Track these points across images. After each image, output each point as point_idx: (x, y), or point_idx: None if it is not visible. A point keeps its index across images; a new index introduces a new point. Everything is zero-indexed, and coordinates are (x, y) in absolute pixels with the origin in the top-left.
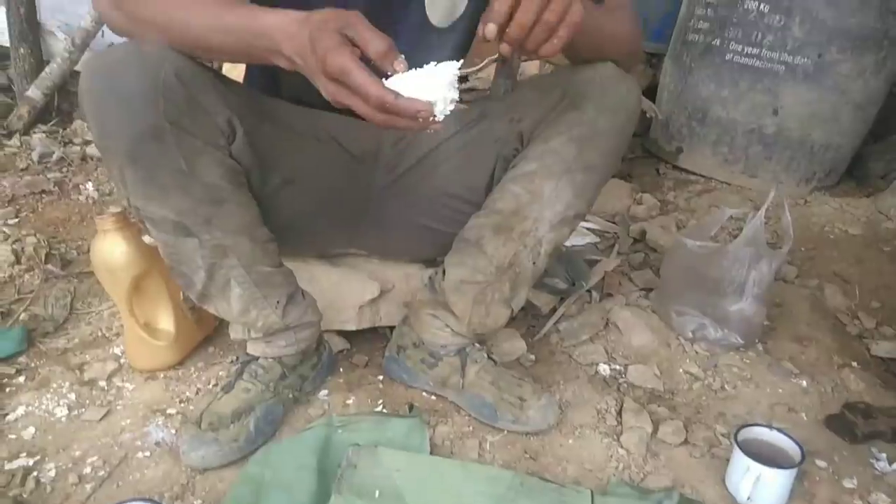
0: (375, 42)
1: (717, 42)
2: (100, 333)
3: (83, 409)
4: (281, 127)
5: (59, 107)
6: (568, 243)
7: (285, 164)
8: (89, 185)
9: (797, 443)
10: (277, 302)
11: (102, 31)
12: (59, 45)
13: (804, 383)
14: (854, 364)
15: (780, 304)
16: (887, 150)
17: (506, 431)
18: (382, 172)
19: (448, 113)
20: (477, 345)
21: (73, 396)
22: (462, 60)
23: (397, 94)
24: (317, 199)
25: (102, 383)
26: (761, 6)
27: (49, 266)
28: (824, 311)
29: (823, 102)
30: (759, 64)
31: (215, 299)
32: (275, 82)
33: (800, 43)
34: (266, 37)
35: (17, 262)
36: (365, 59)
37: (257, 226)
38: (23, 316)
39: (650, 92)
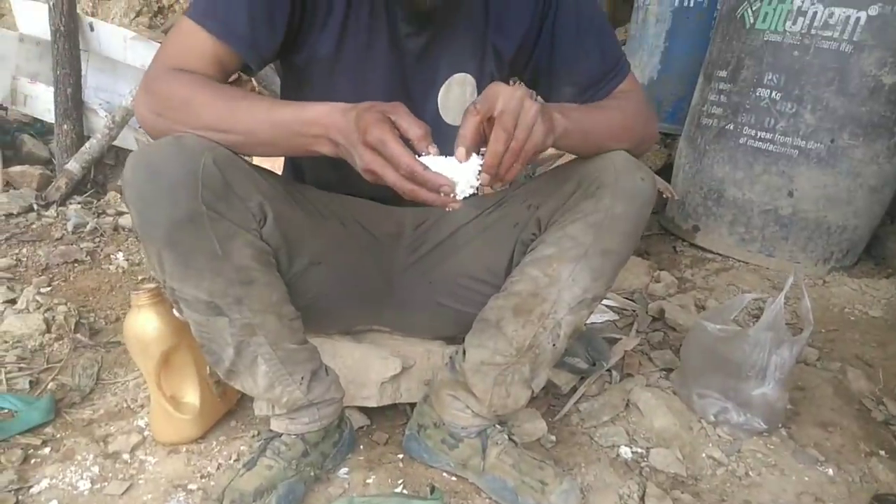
0: (415, 127)
1: (731, 126)
2: (125, 405)
3: (106, 483)
4: (308, 211)
5: (95, 178)
6: (587, 321)
7: (312, 246)
8: (119, 256)
9: None
10: (302, 378)
11: None
12: (100, 121)
13: (830, 472)
14: (882, 453)
15: (803, 387)
16: None
17: None
18: (404, 254)
19: (468, 195)
20: (498, 426)
21: (96, 469)
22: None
23: (426, 167)
24: (341, 279)
25: (126, 456)
26: (773, 94)
27: (78, 335)
28: (848, 395)
29: (838, 185)
30: (773, 148)
31: (242, 376)
32: (299, 172)
33: (812, 129)
34: (317, 124)
35: (48, 330)
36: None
37: (284, 304)
38: (51, 385)
39: (665, 171)
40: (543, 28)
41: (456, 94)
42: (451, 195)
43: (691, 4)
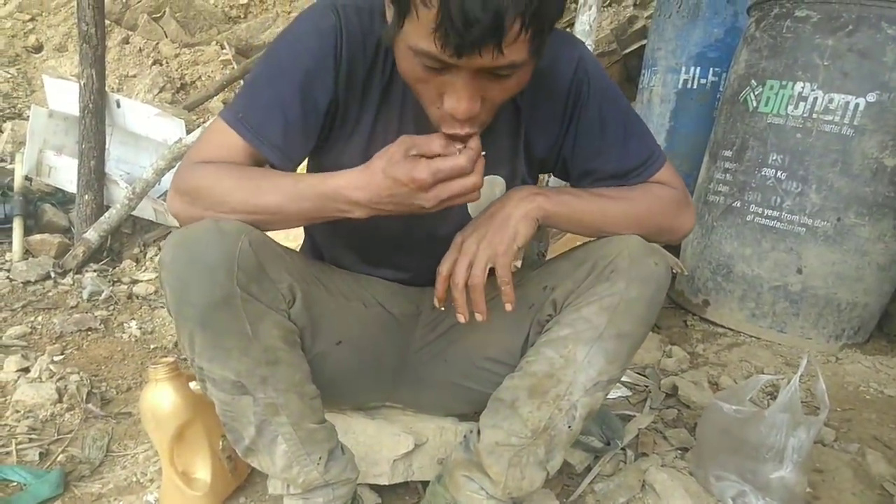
0: (434, 142)
1: (738, 204)
2: (134, 479)
3: None
4: (332, 291)
5: (112, 247)
6: None
7: (335, 326)
8: (133, 324)
9: None
10: (320, 458)
11: (160, 181)
12: (120, 192)
13: None
14: None
15: (822, 470)
16: None
17: None
18: (421, 333)
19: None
20: None
21: None
22: None
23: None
24: (360, 358)
25: None
26: (778, 173)
27: (90, 405)
28: (868, 479)
29: (846, 263)
30: (780, 225)
31: (260, 454)
32: (317, 251)
33: (818, 207)
34: (340, 196)
35: (60, 400)
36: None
37: (307, 383)
38: (60, 457)
39: (674, 246)
40: (569, 128)
41: (486, 194)
42: None
43: (694, 86)
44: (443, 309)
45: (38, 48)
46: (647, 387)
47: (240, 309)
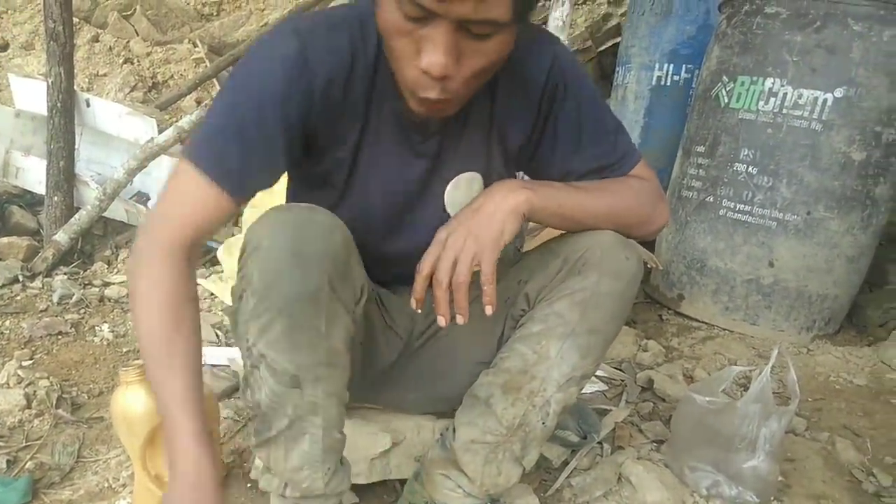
0: None
1: (711, 199)
2: (106, 484)
3: None
4: (368, 294)
5: (82, 249)
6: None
7: (362, 328)
8: (105, 327)
9: None
10: (328, 468)
11: (132, 181)
12: (90, 193)
13: None
14: None
15: (793, 458)
16: (883, 299)
17: None
18: (413, 340)
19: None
20: (490, 503)
21: None
22: None
23: None
24: (364, 360)
25: None
26: (749, 168)
27: (59, 411)
28: (838, 466)
29: (817, 256)
30: (752, 220)
31: (276, 448)
32: None
33: (788, 202)
34: (175, 460)
35: (28, 406)
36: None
37: (345, 390)
38: (29, 464)
39: (649, 241)
40: (546, 126)
41: (463, 191)
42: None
43: (667, 83)
44: (419, 311)
45: (4, 46)
46: (623, 381)
47: (324, 305)
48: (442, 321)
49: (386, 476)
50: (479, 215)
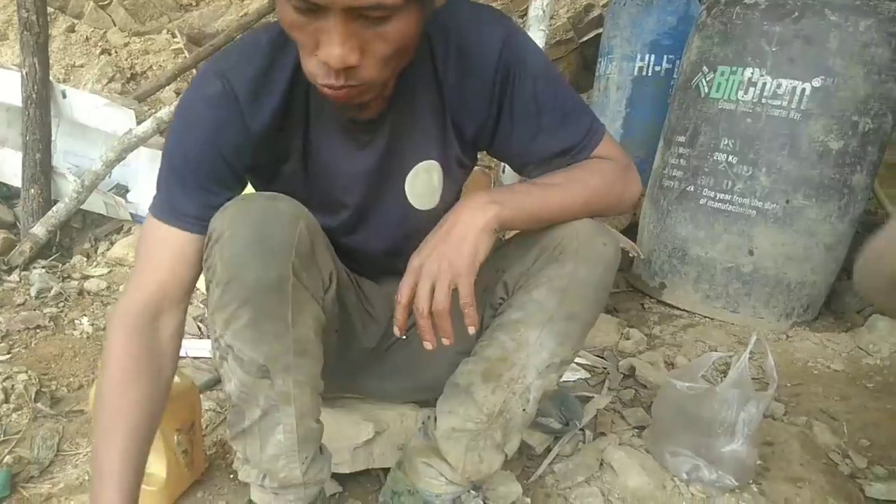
0: None
1: (692, 188)
2: (86, 477)
3: None
4: (341, 281)
5: (61, 242)
6: (559, 381)
7: (338, 316)
8: (84, 320)
9: None
10: (306, 458)
11: (110, 173)
12: (68, 186)
13: None
14: None
15: (772, 442)
16: None
17: None
18: (392, 327)
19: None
20: (472, 491)
21: None
22: None
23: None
24: (344, 350)
25: None
26: (729, 158)
27: (38, 405)
28: (815, 449)
29: (795, 244)
30: (732, 208)
31: (252, 439)
32: None
33: (768, 190)
34: None
35: (6, 400)
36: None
37: (319, 377)
38: (7, 459)
39: (631, 230)
40: (503, 109)
41: (423, 181)
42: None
43: (649, 73)
44: (405, 337)
45: None
46: (605, 368)
47: (288, 294)
48: (429, 346)
49: (369, 465)
50: (450, 238)
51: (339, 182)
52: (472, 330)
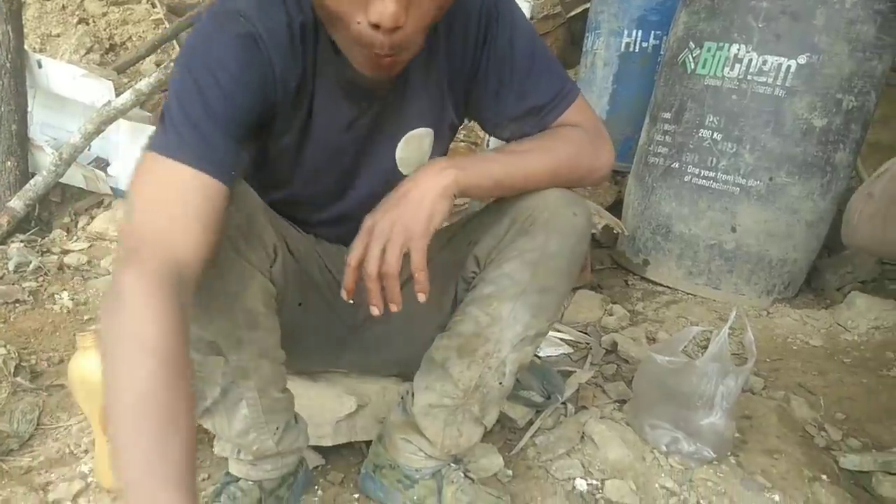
0: None
1: (676, 165)
2: (67, 450)
3: None
4: (293, 251)
5: (39, 216)
6: (542, 354)
7: (299, 288)
8: (65, 295)
9: None
10: (277, 428)
11: (89, 146)
12: (45, 158)
13: (777, 498)
14: (824, 477)
15: (750, 416)
16: (840, 265)
17: None
18: (364, 302)
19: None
20: (453, 464)
21: None
22: None
23: None
24: (312, 323)
25: None
26: (714, 135)
27: (18, 379)
28: (792, 423)
29: (777, 221)
30: (716, 185)
31: (217, 416)
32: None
33: (752, 167)
34: None
35: None
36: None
37: (277, 348)
38: None
39: (616, 207)
40: (481, 60)
41: (413, 148)
42: None
43: (636, 50)
44: (352, 302)
45: None
46: (588, 344)
47: (230, 268)
48: (375, 311)
49: (352, 438)
50: (405, 201)
51: (332, 151)
52: (421, 297)
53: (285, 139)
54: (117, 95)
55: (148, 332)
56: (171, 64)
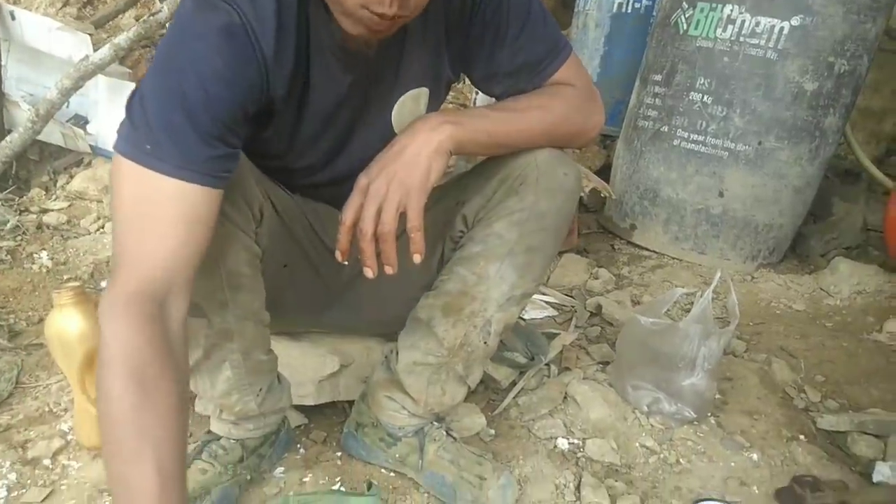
0: None
1: (666, 129)
2: (46, 409)
3: (24, 490)
4: (281, 212)
5: (17, 174)
6: (527, 317)
7: (284, 249)
8: (44, 255)
9: None
10: (260, 390)
11: (68, 103)
12: (22, 115)
13: (755, 456)
14: (801, 437)
15: (731, 378)
16: (825, 231)
17: None
18: (352, 262)
19: None
20: (435, 423)
21: (13, 477)
22: None
23: None
24: (297, 284)
25: (47, 462)
26: (704, 98)
27: None
28: (773, 385)
29: (765, 186)
30: (705, 150)
31: (200, 377)
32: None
33: (741, 132)
34: None
35: None
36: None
37: (262, 310)
38: None
39: (604, 171)
40: (476, 19)
41: (409, 109)
42: None
43: (629, 10)
44: (346, 263)
45: None
46: (573, 307)
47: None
48: (369, 273)
49: (335, 398)
50: (401, 158)
51: (328, 115)
52: (417, 258)
53: (282, 118)
54: (95, 50)
55: (115, 354)
56: (152, 18)
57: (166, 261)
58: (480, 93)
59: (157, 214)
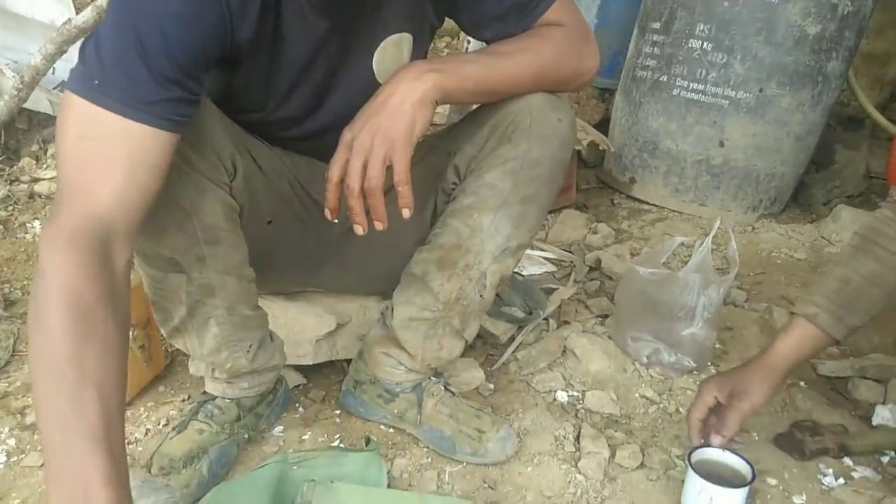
0: None
1: (665, 78)
2: None
3: (23, 455)
4: (262, 166)
5: (6, 144)
6: (525, 272)
7: (268, 205)
8: (36, 224)
9: (748, 462)
10: (250, 346)
11: (53, 69)
12: (7, 83)
13: None
14: (801, 383)
15: (731, 327)
16: (828, 179)
17: (465, 463)
18: (343, 218)
19: None
20: (433, 378)
21: (12, 442)
22: None
23: None
24: (286, 239)
25: None
26: (704, 45)
27: None
28: (773, 333)
29: (766, 134)
30: (705, 99)
31: (188, 335)
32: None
33: (742, 79)
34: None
35: None
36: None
37: (245, 266)
38: None
39: (603, 125)
40: None
41: (391, 55)
42: None
43: None
44: (336, 221)
45: None
46: (572, 262)
47: (176, 180)
48: (359, 230)
49: (333, 357)
50: (385, 110)
51: (304, 69)
52: (406, 213)
53: (254, 66)
54: (78, 13)
55: (57, 288)
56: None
57: (111, 199)
58: (472, 41)
59: (101, 150)
